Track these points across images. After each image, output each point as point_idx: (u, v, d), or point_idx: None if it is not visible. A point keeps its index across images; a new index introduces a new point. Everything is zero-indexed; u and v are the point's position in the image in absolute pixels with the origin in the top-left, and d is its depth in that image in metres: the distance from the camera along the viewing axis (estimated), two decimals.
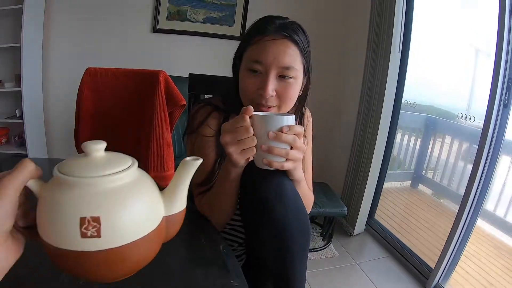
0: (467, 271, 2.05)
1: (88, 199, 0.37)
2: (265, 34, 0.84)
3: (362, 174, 2.38)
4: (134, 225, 0.39)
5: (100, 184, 0.38)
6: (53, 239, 0.37)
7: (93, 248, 0.36)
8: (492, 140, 1.63)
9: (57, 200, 0.37)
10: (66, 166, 0.39)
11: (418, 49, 2.31)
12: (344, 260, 2.12)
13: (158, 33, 2.57)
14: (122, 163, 0.41)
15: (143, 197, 0.41)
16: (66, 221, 0.36)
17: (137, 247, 0.40)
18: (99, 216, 0.36)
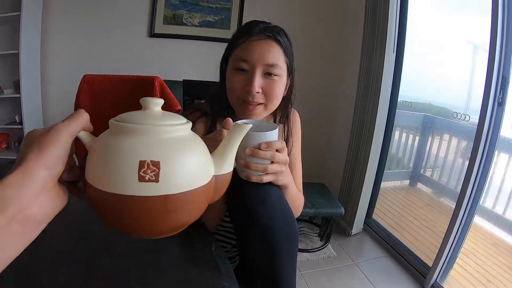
0: (465, 269, 2.05)
1: (148, 144, 0.38)
2: (250, 35, 0.90)
3: (359, 174, 2.40)
4: (190, 175, 0.40)
5: (159, 131, 0.39)
6: (108, 184, 0.37)
7: (150, 193, 0.37)
8: (487, 138, 1.64)
9: (115, 145, 0.38)
10: (122, 117, 0.41)
11: (413, 48, 2.32)
12: (342, 260, 2.13)
13: (155, 38, 2.59)
14: (178, 118, 0.43)
15: (198, 151, 0.43)
16: (124, 165, 0.37)
17: (190, 198, 0.40)
18: (159, 161, 0.37)
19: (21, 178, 0.34)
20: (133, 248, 0.69)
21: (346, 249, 2.25)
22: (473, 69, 2.15)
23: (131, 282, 0.58)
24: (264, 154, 0.72)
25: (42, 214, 0.37)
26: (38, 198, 0.36)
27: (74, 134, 0.39)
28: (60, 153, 0.36)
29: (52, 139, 0.36)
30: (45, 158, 0.35)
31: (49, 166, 0.36)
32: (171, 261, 0.67)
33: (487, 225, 2.33)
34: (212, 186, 0.45)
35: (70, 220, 0.79)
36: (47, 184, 0.36)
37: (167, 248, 0.73)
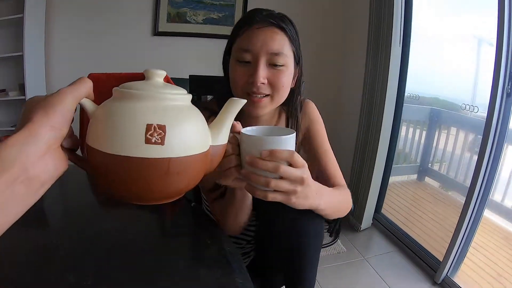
0: (475, 262, 2.03)
1: (154, 109, 0.40)
2: (252, 24, 0.85)
3: (368, 169, 2.38)
4: (191, 141, 0.42)
5: (164, 98, 0.42)
6: (115, 147, 0.38)
7: (156, 155, 0.39)
8: (497, 130, 1.62)
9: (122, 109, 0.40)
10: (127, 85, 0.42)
11: (419, 41, 2.29)
12: (352, 256, 2.12)
13: (159, 36, 2.58)
14: (180, 89, 0.45)
15: (198, 120, 0.45)
16: (132, 127, 0.38)
17: (191, 162, 0.42)
18: (165, 125, 0.39)
19: (25, 138, 0.35)
20: (142, 248, 0.68)
21: (355, 244, 2.24)
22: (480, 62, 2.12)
23: (141, 283, 0.57)
24: (263, 164, 0.57)
25: (46, 176, 0.37)
26: (42, 159, 0.36)
27: (78, 99, 0.40)
28: (65, 115, 0.37)
29: (59, 101, 0.38)
30: (51, 118, 0.36)
31: (55, 127, 0.37)
32: (181, 260, 0.66)
33: (496, 219, 2.31)
34: (209, 155, 0.48)
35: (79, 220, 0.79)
36: (52, 145, 0.37)
37: (177, 247, 0.73)
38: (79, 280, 0.55)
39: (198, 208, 0.87)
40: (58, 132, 0.37)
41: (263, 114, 0.93)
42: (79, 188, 0.96)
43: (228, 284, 0.59)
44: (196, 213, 0.87)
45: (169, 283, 0.57)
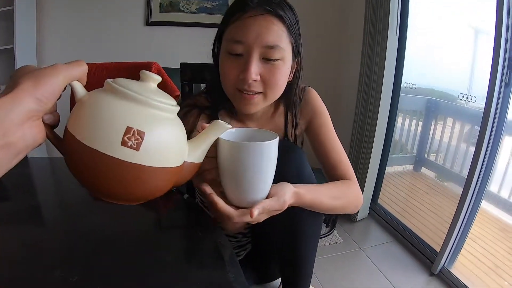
0: (472, 253, 2.04)
1: (139, 113, 0.40)
2: (245, 11, 0.75)
3: (364, 159, 2.36)
4: (168, 153, 0.43)
5: (152, 105, 0.41)
6: (91, 139, 0.38)
7: (127, 159, 0.39)
8: (494, 120, 1.60)
9: (109, 104, 0.40)
10: (119, 82, 0.42)
11: (416, 30, 2.27)
12: (349, 246, 2.11)
13: (152, 26, 2.53)
14: (171, 99, 0.45)
15: (179, 135, 0.46)
16: (112, 125, 0.38)
17: (160, 174, 0.43)
18: (145, 132, 0.39)
19: (9, 103, 0.35)
20: (132, 242, 0.66)
21: (352, 235, 2.23)
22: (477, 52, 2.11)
23: (129, 278, 0.55)
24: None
25: (22, 144, 0.37)
26: (21, 127, 0.36)
27: (71, 79, 0.40)
28: (54, 90, 0.37)
29: (51, 75, 0.37)
30: (39, 90, 0.36)
31: (40, 99, 0.37)
32: (172, 255, 0.64)
33: (493, 210, 2.31)
34: (181, 170, 0.48)
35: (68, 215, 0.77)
36: (33, 116, 0.37)
37: (168, 240, 0.71)
38: (65, 276, 0.52)
39: (190, 201, 0.85)
40: (43, 105, 0.37)
41: (255, 111, 0.87)
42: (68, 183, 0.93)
43: (220, 278, 0.57)
44: (189, 206, 0.84)
45: (159, 278, 0.55)
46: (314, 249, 0.96)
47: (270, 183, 0.63)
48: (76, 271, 0.54)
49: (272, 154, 0.59)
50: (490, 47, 1.58)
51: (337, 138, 0.98)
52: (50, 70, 0.38)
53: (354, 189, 0.91)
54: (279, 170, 0.70)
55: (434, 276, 1.85)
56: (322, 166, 0.98)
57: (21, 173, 0.93)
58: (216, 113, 0.94)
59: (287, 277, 1.02)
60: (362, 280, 1.81)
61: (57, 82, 0.38)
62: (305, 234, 0.90)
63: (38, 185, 0.89)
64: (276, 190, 0.65)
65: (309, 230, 0.90)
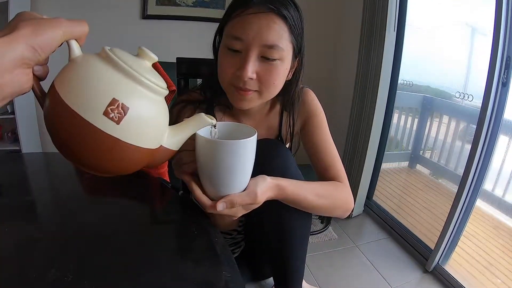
0: (466, 251, 2.05)
1: (128, 87, 0.40)
2: (248, 7, 0.74)
3: (360, 156, 2.36)
4: (146, 134, 0.43)
5: (142, 83, 0.41)
6: (74, 101, 0.38)
7: (106, 130, 0.38)
8: (491, 119, 1.60)
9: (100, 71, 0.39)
10: (116, 52, 0.41)
11: (414, 27, 2.26)
12: (343, 243, 2.11)
13: (148, 19, 2.50)
14: (162, 81, 0.45)
15: (161, 118, 0.45)
16: (98, 93, 0.38)
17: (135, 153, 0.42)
18: (129, 108, 0.39)
19: (4, 47, 0.34)
20: (126, 239, 0.65)
21: (347, 231, 2.23)
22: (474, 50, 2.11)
23: (124, 276, 0.54)
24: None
25: (9, 90, 0.37)
26: (12, 72, 0.36)
27: (70, 36, 0.39)
28: (51, 42, 0.37)
29: (51, 27, 0.37)
30: (36, 39, 0.36)
31: (36, 49, 0.36)
32: (166, 253, 0.63)
33: (487, 208, 2.33)
34: (156, 153, 0.47)
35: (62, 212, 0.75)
36: (25, 64, 0.37)
37: (163, 238, 0.70)
38: (60, 276, 0.51)
39: (186, 198, 0.84)
40: (37, 55, 0.37)
41: (250, 108, 0.86)
42: (61, 179, 0.92)
43: (216, 277, 0.56)
44: (184, 203, 0.83)
45: (154, 276, 0.54)
46: (303, 249, 0.96)
47: (246, 180, 0.63)
48: (71, 270, 0.53)
49: (248, 152, 0.58)
50: (487, 46, 1.57)
51: (331, 140, 0.98)
52: (51, 21, 0.38)
53: (343, 192, 0.90)
54: (264, 169, 0.70)
55: (428, 273, 1.86)
56: (314, 168, 0.98)
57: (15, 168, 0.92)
58: (212, 108, 0.93)
59: (278, 277, 1.02)
60: (357, 276, 1.82)
61: (56, 35, 0.37)
62: (293, 234, 0.90)
63: (32, 181, 0.87)
64: (249, 184, 0.64)
65: (298, 230, 0.90)
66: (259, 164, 0.63)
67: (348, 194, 0.90)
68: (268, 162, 0.79)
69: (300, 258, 0.95)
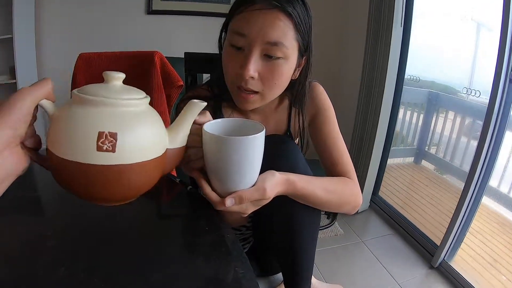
0: (472, 247, 2.04)
1: (107, 116, 0.40)
2: (253, 2, 0.72)
3: (366, 151, 2.35)
4: (144, 147, 0.43)
5: (118, 104, 0.41)
6: (68, 152, 0.39)
7: (106, 162, 0.40)
8: (498, 115, 1.59)
9: (77, 115, 0.40)
10: (85, 90, 0.42)
11: (421, 22, 2.24)
12: (349, 238, 2.11)
13: (153, 15, 2.50)
14: (138, 93, 0.45)
15: (154, 125, 0.46)
16: (84, 134, 0.39)
17: (144, 168, 0.43)
18: (116, 133, 0.40)
19: None
20: (136, 236, 0.65)
21: (352, 227, 2.23)
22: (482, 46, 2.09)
23: (135, 273, 0.54)
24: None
25: (4, 173, 0.38)
26: (1, 156, 0.37)
27: (38, 99, 0.40)
28: (24, 114, 0.39)
29: (17, 100, 0.38)
30: (10, 118, 0.37)
31: (13, 126, 0.38)
32: (177, 249, 0.63)
33: (492, 204, 2.32)
34: (165, 159, 0.48)
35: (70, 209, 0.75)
36: (11, 143, 0.38)
37: (173, 234, 0.70)
38: (71, 273, 0.52)
39: (195, 192, 0.84)
40: (17, 131, 0.38)
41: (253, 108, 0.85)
42: None
43: (228, 273, 0.56)
44: (193, 198, 0.83)
45: (165, 272, 0.54)
46: (313, 246, 0.95)
47: (255, 175, 0.63)
48: (81, 268, 0.53)
49: (256, 148, 0.58)
50: (495, 42, 1.56)
51: (340, 136, 0.97)
52: (16, 96, 0.39)
53: (351, 187, 0.89)
54: (273, 165, 0.70)
55: (434, 269, 1.86)
56: (322, 163, 0.97)
57: None
58: (219, 104, 0.93)
59: (287, 274, 1.02)
60: (362, 271, 1.82)
61: (25, 105, 0.39)
62: (303, 231, 0.89)
63: (39, 179, 0.87)
64: (258, 179, 0.64)
65: (307, 227, 0.89)
66: (268, 160, 0.63)
67: (356, 190, 0.89)
68: (276, 158, 0.79)
69: (309, 256, 0.95)
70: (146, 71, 1.27)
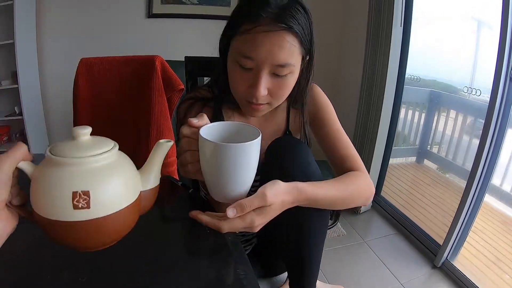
0: (474, 246, 2.04)
1: (79, 176, 0.42)
2: (257, 23, 0.71)
3: (367, 152, 2.36)
4: (117, 197, 0.45)
5: (88, 163, 0.43)
6: (47, 212, 0.42)
7: (84, 218, 0.42)
8: (499, 114, 1.59)
9: (50, 177, 0.42)
10: (56, 148, 0.44)
11: (421, 22, 2.24)
12: (352, 239, 2.11)
13: (153, 18, 2.52)
14: (106, 145, 0.46)
15: (124, 174, 0.47)
16: (60, 196, 0.41)
17: (120, 217, 0.45)
18: (89, 190, 0.42)
19: None
20: (138, 238, 0.66)
21: (355, 227, 2.23)
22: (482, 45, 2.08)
23: (137, 276, 0.55)
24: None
25: None
26: None
27: (15, 164, 0.42)
28: (4, 181, 0.40)
29: None
30: None
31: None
32: (178, 252, 0.63)
33: (495, 203, 2.31)
34: (140, 201, 0.50)
35: None
36: None
37: (175, 237, 0.70)
38: (74, 277, 0.52)
39: (196, 195, 0.85)
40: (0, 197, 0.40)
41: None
42: None
43: (229, 275, 0.56)
44: (194, 201, 0.84)
45: (167, 275, 0.55)
46: (320, 247, 0.95)
47: (249, 181, 0.63)
48: (85, 271, 0.54)
49: (251, 155, 0.58)
50: (495, 40, 1.56)
51: (342, 131, 0.97)
52: None
53: (363, 180, 0.88)
54: (285, 166, 0.70)
55: (437, 269, 1.86)
56: (329, 160, 0.97)
57: None
58: (220, 105, 0.94)
59: (293, 275, 1.02)
60: (365, 272, 1.82)
61: (4, 173, 0.40)
62: (312, 233, 0.90)
63: None
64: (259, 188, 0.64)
65: (316, 226, 0.89)
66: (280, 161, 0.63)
67: (367, 181, 0.89)
68: (289, 159, 0.80)
69: (317, 255, 0.95)
70: (147, 75, 1.28)
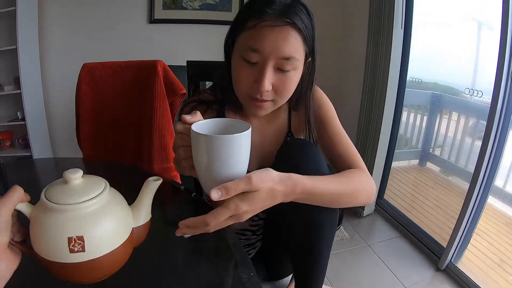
0: (478, 248, 2.03)
1: (73, 222, 0.44)
2: (262, 18, 0.74)
3: (370, 155, 2.35)
4: (111, 238, 0.47)
5: (81, 209, 0.45)
6: (45, 253, 0.44)
7: (79, 260, 0.44)
8: (501, 115, 1.58)
9: (46, 223, 0.44)
10: (51, 193, 0.46)
11: (422, 24, 2.25)
12: (355, 242, 2.10)
13: (155, 24, 2.53)
14: (97, 187, 0.48)
15: (116, 215, 0.49)
16: (56, 241, 0.44)
17: (114, 255, 0.47)
18: (83, 235, 0.44)
19: None
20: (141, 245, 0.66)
21: (358, 231, 2.22)
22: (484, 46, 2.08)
23: (140, 278, 0.55)
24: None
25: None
26: None
27: (13, 207, 0.43)
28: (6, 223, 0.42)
29: None
30: None
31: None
32: (181, 253, 0.64)
33: (498, 204, 2.30)
34: (133, 237, 0.52)
35: None
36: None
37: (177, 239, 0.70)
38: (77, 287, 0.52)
39: (198, 199, 0.85)
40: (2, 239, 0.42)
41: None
42: None
43: (232, 278, 0.57)
44: (197, 204, 0.84)
45: (170, 278, 0.55)
46: (329, 248, 0.96)
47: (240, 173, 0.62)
48: None
49: (242, 147, 0.58)
50: (496, 41, 1.56)
51: (343, 130, 0.98)
52: None
53: (363, 177, 0.87)
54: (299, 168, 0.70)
55: (441, 272, 1.85)
56: (328, 159, 0.97)
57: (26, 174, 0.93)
58: (223, 108, 0.95)
59: (300, 277, 1.01)
60: (369, 275, 1.81)
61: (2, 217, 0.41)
62: (321, 232, 0.90)
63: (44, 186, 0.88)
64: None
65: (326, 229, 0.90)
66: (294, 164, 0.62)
67: (368, 178, 0.88)
68: (303, 162, 0.81)
69: (325, 257, 0.95)
70: (149, 80, 1.29)
